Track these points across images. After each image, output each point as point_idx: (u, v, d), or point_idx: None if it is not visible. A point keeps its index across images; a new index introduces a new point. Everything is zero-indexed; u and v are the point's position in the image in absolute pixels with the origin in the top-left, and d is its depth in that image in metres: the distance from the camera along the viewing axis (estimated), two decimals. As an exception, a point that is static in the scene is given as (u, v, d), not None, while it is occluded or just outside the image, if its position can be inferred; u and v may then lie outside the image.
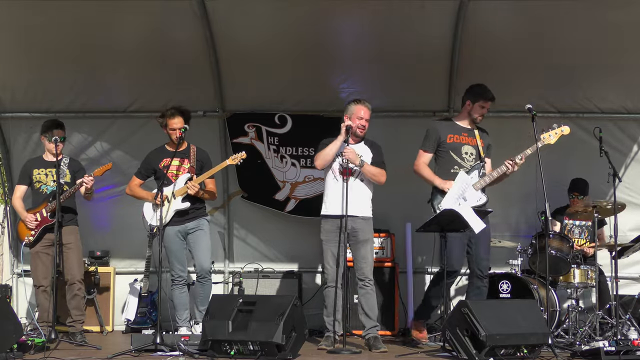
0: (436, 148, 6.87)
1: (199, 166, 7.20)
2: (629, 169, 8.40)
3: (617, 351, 5.81)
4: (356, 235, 6.75)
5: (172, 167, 7.11)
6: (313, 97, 8.35)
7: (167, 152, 7.20)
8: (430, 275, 8.55)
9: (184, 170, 7.14)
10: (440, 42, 7.89)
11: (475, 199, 6.69)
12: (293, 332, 5.89)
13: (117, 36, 7.76)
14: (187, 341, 6.17)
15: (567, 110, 8.37)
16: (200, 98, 8.35)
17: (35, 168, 7.25)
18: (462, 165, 6.76)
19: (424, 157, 6.91)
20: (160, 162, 7.16)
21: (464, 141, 6.84)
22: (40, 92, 8.29)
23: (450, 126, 6.92)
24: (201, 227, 7.13)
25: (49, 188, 7.17)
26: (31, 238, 7.13)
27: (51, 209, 7.04)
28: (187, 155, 7.19)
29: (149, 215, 7.19)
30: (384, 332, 7.71)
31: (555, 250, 7.31)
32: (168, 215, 7.01)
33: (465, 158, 6.80)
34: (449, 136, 6.83)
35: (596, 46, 7.68)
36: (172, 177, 7.10)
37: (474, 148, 6.84)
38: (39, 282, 7.16)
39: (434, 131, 6.89)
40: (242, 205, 8.64)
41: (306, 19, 7.63)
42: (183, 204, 7.04)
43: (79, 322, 7.14)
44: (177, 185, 7.04)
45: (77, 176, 7.17)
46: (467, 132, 6.88)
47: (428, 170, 6.87)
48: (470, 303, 5.90)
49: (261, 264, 8.41)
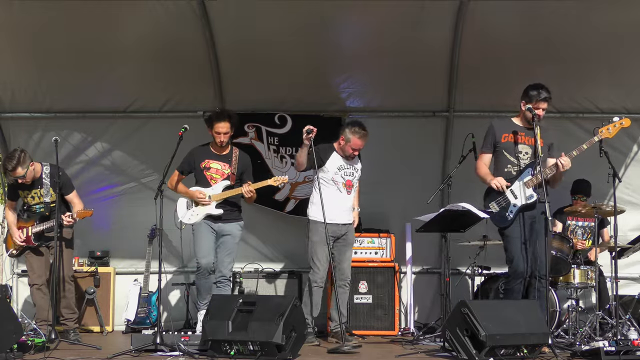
0: (494, 148, 6.73)
1: (239, 171, 7.22)
2: (629, 169, 8.41)
3: (617, 351, 5.80)
4: (346, 239, 7.07)
5: (212, 170, 7.17)
6: (313, 97, 8.35)
7: (210, 152, 7.23)
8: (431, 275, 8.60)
9: (223, 176, 7.17)
10: (440, 42, 7.89)
11: (526, 196, 6.54)
12: (293, 332, 5.89)
13: (117, 36, 7.76)
14: (187, 341, 6.17)
15: (567, 110, 8.37)
16: (200, 98, 8.34)
17: (20, 189, 7.19)
18: (515, 165, 6.63)
19: (482, 158, 6.78)
20: (202, 161, 7.19)
21: (520, 140, 6.64)
22: (40, 92, 8.29)
23: (507, 125, 6.73)
24: (234, 234, 7.17)
25: (38, 208, 7.19)
26: (15, 251, 7.27)
27: (36, 231, 7.11)
28: (229, 160, 7.21)
29: (182, 212, 7.22)
30: (384, 332, 7.72)
31: (555, 250, 7.32)
32: (199, 216, 7.11)
33: (519, 157, 6.64)
34: (503, 135, 6.67)
35: (596, 46, 7.68)
36: (210, 179, 7.16)
37: (530, 147, 6.63)
38: (32, 281, 7.22)
39: (490, 131, 6.74)
40: (242, 206, 8.63)
41: (306, 19, 7.63)
42: (217, 210, 7.10)
43: (70, 320, 7.17)
44: (215, 190, 7.12)
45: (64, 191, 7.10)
46: (525, 131, 6.67)
47: (483, 170, 6.73)
48: (470, 303, 5.90)
49: (261, 264, 8.41)
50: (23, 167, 6.93)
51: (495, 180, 6.56)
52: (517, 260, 6.51)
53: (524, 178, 6.56)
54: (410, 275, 8.15)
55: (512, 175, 6.60)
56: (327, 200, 6.88)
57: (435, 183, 8.06)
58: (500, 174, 6.65)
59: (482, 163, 6.76)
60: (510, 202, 6.54)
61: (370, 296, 7.86)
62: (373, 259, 7.93)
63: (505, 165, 6.65)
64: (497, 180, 6.55)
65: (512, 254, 6.53)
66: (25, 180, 7.01)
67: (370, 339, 7.46)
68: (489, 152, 6.74)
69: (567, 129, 8.26)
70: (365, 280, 7.84)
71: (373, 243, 7.98)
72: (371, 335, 7.62)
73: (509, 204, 6.54)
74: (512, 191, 6.56)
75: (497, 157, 6.72)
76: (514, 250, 6.52)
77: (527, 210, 6.55)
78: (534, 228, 6.55)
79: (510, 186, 6.56)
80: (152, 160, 8.37)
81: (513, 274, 6.56)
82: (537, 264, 6.49)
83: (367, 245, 7.96)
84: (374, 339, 7.49)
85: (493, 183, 6.56)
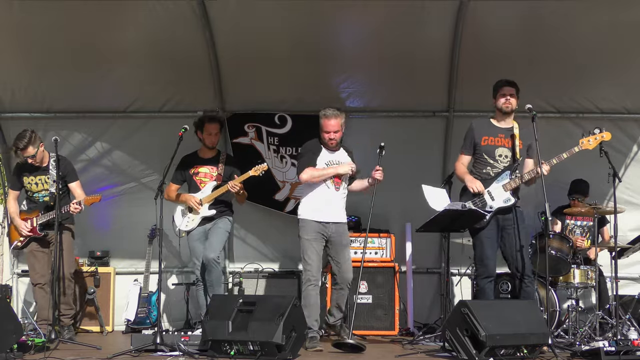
0: (473, 150, 6.79)
1: (227, 172, 7.40)
2: (629, 169, 8.40)
3: (617, 351, 5.80)
4: (341, 240, 6.87)
5: (201, 175, 7.41)
6: (313, 97, 8.33)
7: (197, 158, 7.51)
8: (431, 275, 8.61)
9: (212, 178, 7.38)
10: (440, 42, 7.89)
11: (503, 199, 6.60)
12: (293, 332, 5.89)
13: (117, 36, 7.76)
14: (187, 341, 6.17)
15: (567, 110, 8.37)
16: (200, 98, 8.34)
17: (25, 175, 7.28)
18: (494, 167, 6.68)
19: (461, 159, 6.86)
20: (191, 168, 7.45)
21: (499, 143, 6.71)
22: (40, 92, 8.29)
23: (487, 127, 6.79)
24: (218, 224, 7.35)
25: (41, 196, 7.21)
26: (19, 244, 7.30)
27: (42, 222, 7.15)
28: (216, 163, 7.43)
29: (179, 220, 7.46)
30: (384, 332, 7.71)
31: (555, 250, 7.32)
32: (195, 221, 7.34)
33: (499, 160, 6.69)
34: (483, 138, 6.73)
35: (596, 46, 7.68)
36: (200, 184, 7.40)
37: (509, 150, 6.70)
38: (35, 281, 7.24)
39: (470, 133, 6.80)
40: (242, 205, 8.63)
41: (306, 19, 7.64)
42: (209, 211, 7.32)
43: (67, 317, 7.20)
44: (204, 192, 7.34)
45: (68, 179, 7.20)
46: (504, 132, 6.73)
47: (462, 170, 6.81)
48: (470, 303, 5.90)
49: (261, 264, 8.41)
50: (34, 146, 7.08)
51: (473, 184, 6.63)
52: (487, 260, 6.59)
53: (502, 181, 6.63)
54: (410, 275, 8.14)
55: (490, 177, 6.68)
56: (316, 197, 6.82)
57: (435, 183, 8.02)
58: (479, 175, 6.72)
59: (461, 164, 6.85)
60: (486, 203, 6.60)
61: (370, 296, 7.86)
62: (373, 259, 7.92)
63: (484, 167, 6.73)
64: (475, 185, 6.63)
65: (482, 254, 6.61)
66: (35, 160, 7.11)
67: (370, 339, 7.45)
68: (469, 154, 6.83)
69: (567, 129, 8.26)
70: (365, 280, 7.84)
71: (373, 243, 7.98)
72: (371, 335, 7.62)
73: (485, 205, 6.60)
74: (489, 192, 6.63)
75: (477, 158, 6.80)
76: (484, 250, 6.60)
77: (502, 214, 6.62)
78: (507, 231, 6.61)
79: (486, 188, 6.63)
80: (152, 160, 8.38)
81: (482, 274, 6.62)
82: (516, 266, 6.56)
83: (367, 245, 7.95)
84: (374, 339, 7.48)
85: (470, 187, 6.64)
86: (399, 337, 7.59)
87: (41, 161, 7.19)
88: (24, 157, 7.09)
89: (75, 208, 7.03)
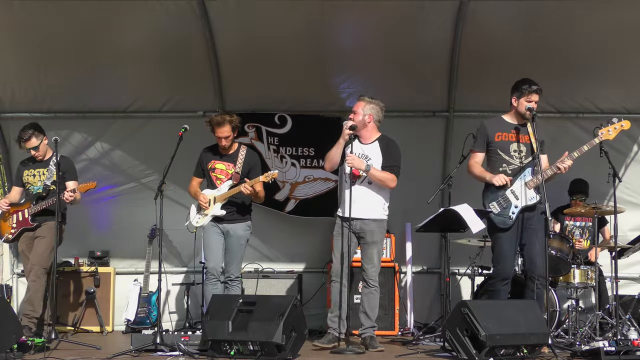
0: (486, 147, 6.63)
1: (245, 170, 7.10)
2: (629, 169, 8.40)
3: (617, 351, 5.80)
4: (364, 237, 6.69)
5: (217, 171, 7.12)
6: (313, 97, 8.35)
7: (216, 153, 7.17)
8: (431, 275, 8.61)
9: (228, 176, 7.10)
10: (440, 42, 7.89)
11: (528, 198, 6.46)
12: (293, 332, 5.89)
13: (117, 36, 7.77)
14: (187, 341, 6.17)
15: (567, 110, 8.37)
16: (200, 98, 8.35)
17: (26, 169, 7.33)
18: (510, 164, 6.52)
19: (474, 157, 6.67)
20: (209, 162, 7.16)
21: (513, 139, 6.55)
22: (40, 92, 8.29)
23: (500, 123, 6.64)
24: (238, 235, 7.05)
25: (35, 189, 7.23)
26: (10, 236, 7.30)
27: (33, 212, 7.14)
28: (234, 160, 7.11)
29: (193, 214, 7.19)
30: (384, 332, 7.71)
31: (555, 250, 7.32)
32: (205, 219, 7.05)
33: (513, 156, 6.55)
34: (497, 134, 6.58)
35: (596, 46, 7.69)
36: (215, 180, 7.11)
37: (524, 145, 6.53)
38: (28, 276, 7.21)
39: (482, 130, 6.64)
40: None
41: (306, 19, 7.64)
42: (221, 211, 7.01)
43: (27, 317, 6.96)
44: (221, 190, 7.06)
45: (67, 177, 7.19)
46: (517, 129, 6.57)
47: (478, 169, 6.63)
48: (470, 303, 5.90)
49: (261, 264, 8.41)
50: (38, 138, 7.16)
51: (496, 178, 6.43)
52: (504, 262, 6.47)
53: (525, 178, 6.51)
54: (410, 275, 8.15)
55: (507, 174, 6.50)
56: (340, 193, 6.77)
57: (435, 183, 8.06)
58: (494, 173, 6.53)
59: (475, 162, 6.65)
60: (511, 203, 6.45)
61: (370, 296, 7.85)
62: (373, 258, 7.91)
63: (500, 164, 6.55)
64: (498, 178, 6.43)
65: (501, 255, 6.48)
66: (38, 153, 7.16)
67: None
68: (482, 151, 6.64)
69: (567, 129, 8.27)
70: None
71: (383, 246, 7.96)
72: (371, 335, 7.61)
73: (510, 205, 6.45)
74: (512, 192, 6.48)
75: (491, 156, 6.62)
76: (504, 251, 6.47)
77: (526, 212, 6.49)
78: (530, 229, 6.46)
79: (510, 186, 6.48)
80: (152, 160, 8.37)
81: (498, 276, 6.50)
82: (533, 266, 6.41)
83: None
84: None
85: (495, 180, 6.43)
86: (399, 337, 7.59)
87: (44, 155, 7.23)
88: (27, 148, 7.13)
89: (70, 196, 6.96)
